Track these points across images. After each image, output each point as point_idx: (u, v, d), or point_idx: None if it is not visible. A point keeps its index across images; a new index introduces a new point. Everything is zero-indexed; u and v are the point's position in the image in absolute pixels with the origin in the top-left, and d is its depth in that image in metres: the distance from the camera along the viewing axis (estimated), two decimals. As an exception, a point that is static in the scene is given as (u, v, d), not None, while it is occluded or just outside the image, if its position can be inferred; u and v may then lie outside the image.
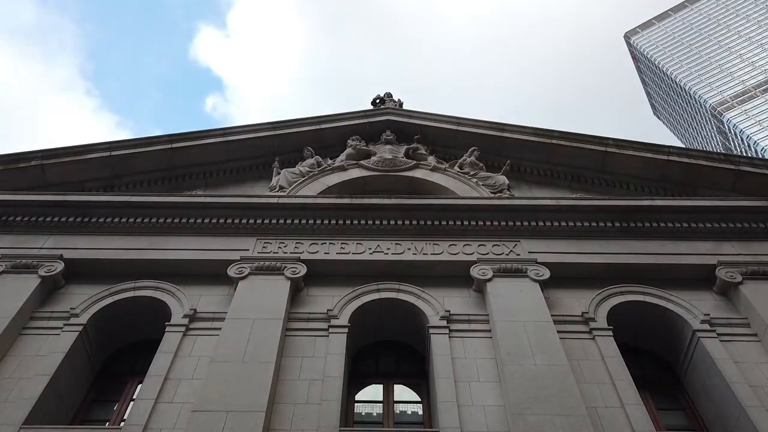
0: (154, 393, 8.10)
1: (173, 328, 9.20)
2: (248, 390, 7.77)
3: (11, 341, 8.93)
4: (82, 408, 9.05)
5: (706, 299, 9.81)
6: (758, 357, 8.77)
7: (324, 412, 7.87)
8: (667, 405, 9.19)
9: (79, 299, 9.69)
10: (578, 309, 9.60)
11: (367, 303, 9.78)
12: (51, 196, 11.03)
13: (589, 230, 10.76)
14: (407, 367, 9.92)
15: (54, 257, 10.08)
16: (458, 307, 9.68)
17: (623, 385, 8.28)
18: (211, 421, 7.34)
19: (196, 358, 8.74)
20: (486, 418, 7.85)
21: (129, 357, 9.94)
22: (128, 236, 10.68)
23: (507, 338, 8.67)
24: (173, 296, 9.76)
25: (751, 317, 9.30)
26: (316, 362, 8.74)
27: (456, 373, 8.50)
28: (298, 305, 9.77)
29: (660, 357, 9.97)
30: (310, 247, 10.57)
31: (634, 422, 7.74)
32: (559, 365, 8.17)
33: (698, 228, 10.72)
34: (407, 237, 10.76)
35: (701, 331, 9.14)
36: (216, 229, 10.81)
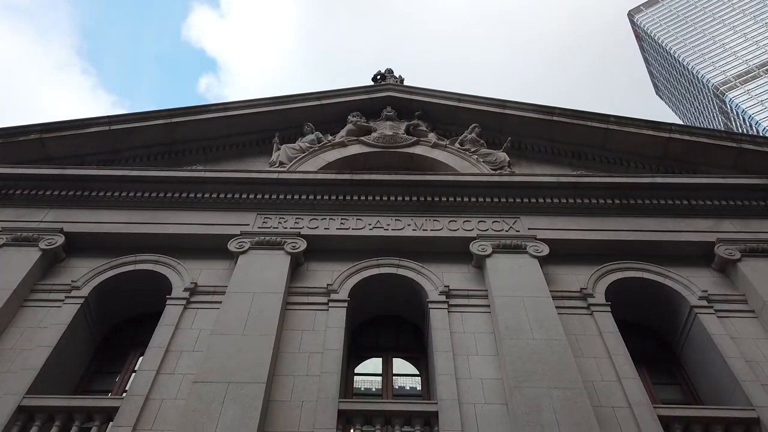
0: (156, 364, 8.18)
1: (174, 301, 9.25)
2: (249, 362, 7.85)
3: (13, 313, 8.99)
4: (85, 379, 9.16)
5: (705, 276, 9.87)
6: (755, 333, 8.85)
7: (324, 384, 7.96)
8: (663, 379, 9.30)
9: (80, 272, 9.73)
10: (577, 285, 9.66)
11: (367, 278, 9.83)
12: (50, 169, 11.02)
13: (589, 207, 10.77)
14: (406, 341, 10.01)
15: (54, 230, 10.10)
16: (457, 283, 9.73)
17: (620, 359, 8.37)
18: (212, 391, 7.42)
19: (197, 331, 8.81)
20: (484, 391, 7.94)
21: (130, 329, 10.03)
22: (128, 210, 10.69)
23: (506, 313, 8.73)
24: (174, 270, 9.81)
25: (748, 294, 9.36)
26: (316, 335, 8.81)
27: (455, 347, 8.57)
28: (298, 280, 9.82)
29: (657, 333, 10.06)
30: (310, 223, 10.58)
31: (630, 395, 7.83)
32: (557, 340, 8.24)
33: (698, 205, 10.73)
34: (407, 213, 10.78)
35: (699, 307, 9.20)
36: (216, 203, 10.82)
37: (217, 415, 7.11)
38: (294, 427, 7.47)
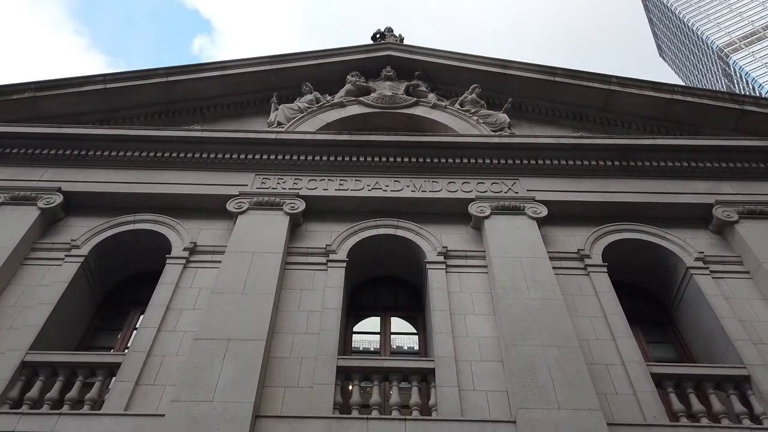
0: (157, 322, 8.29)
1: (174, 260, 9.31)
2: (249, 320, 7.94)
3: (13, 271, 9.05)
4: (86, 336, 9.29)
5: (702, 238, 9.92)
6: (749, 293, 8.94)
7: (323, 341, 8.08)
8: (657, 338, 9.45)
9: (79, 231, 9.76)
10: (574, 246, 9.71)
11: (366, 239, 9.87)
12: (47, 128, 10.92)
13: (588, 169, 10.75)
14: (404, 301, 10.12)
15: (52, 189, 10.09)
16: (455, 244, 9.78)
17: (615, 318, 8.49)
18: (213, 348, 7.53)
19: (196, 290, 8.89)
20: (480, 349, 8.07)
21: (131, 288, 10.12)
22: (126, 170, 10.65)
23: (503, 273, 8.80)
24: (173, 230, 9.83)
25: (744, 255, 9.42)
26: (315, 295, 8.89)
27: (452, 306, 8.67)
28: (297, 240, 9.85)
29: (652, 293, 10.18)
30: (309, 183, 10.56)
31: (624, 353, 7.97)
32: (553, 299, 8.33)
33: (698, 167, 10.70)
34: (406, 174, 10.75)
35: (694, 268, 9.28)
36: (214, 164, 10.77)
37: (218, 371, 7.24)
38: (294, 383, 7.61)
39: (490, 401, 7.39)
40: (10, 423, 6.84)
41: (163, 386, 7.50)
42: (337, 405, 7.40)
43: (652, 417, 7.18)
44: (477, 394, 7.49)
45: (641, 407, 7.32)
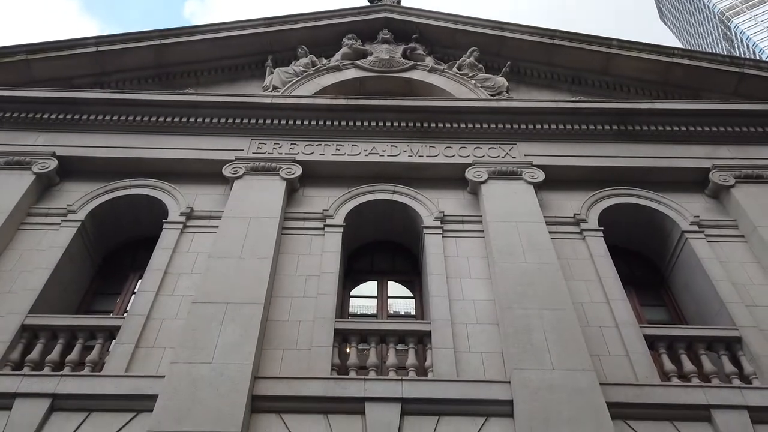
0: (155, 286, 8.33)
1: (171, 225, 9.31)
2: (247, 284, 7.99)
3: (10, 236, 9.05)
4: (86, 300, 9.35)
5: (698, 202, 9.95)
6: (743, 257, 9.02)
7: (320, 305, 8.15)
8: (651, 301, 9.57)
9: (75, 196, 9.73)
10: (571, 210, 9.73)
11: (363, 204, 9.87)
12: (40, 92, 10.78)
13: (587, 133, 10.70)
14: (401, 265, 10.19)
15: (47, 154, 10.01)
16: (452, 209, 9.79)
17: (609, 282, 8.57)
18: (211, 311, 7.60)
19: (194, 254, 8.92)
20: (476, 312, 8.16)
21: (129, 252, 10.16)
22: (121, 134, 10.55)
23: (499, 238, 8.83)
24: (169, 195, 9.81)
25: (740, 219, 9.47)
26: (312, 259, 8.93)
27: (448, 270, 8.73)
28: (294, 205, 9.85)
29: (647, 257, 10.26)
30: (306, 148, 10.49)
31: (618, 316, 8.07)
32: (549, 263, 8.39)
33: (696, 132, 10.66)
34: (403, 139, 10.68)
35: (690, 232, 9.33)
36: (209, 128, 10.68)
37: (217, 334, 7.31)
38: (292, 345, 7.71)
39: (486, 362, 7.51)
40: (12, 384, 6.94)
41: (162, 348, 7.59)
42: (335, 366, 7.52)
43: (644, 377, 7.32)
44: (472, 356, 7.60)
45: (633, 368, 7.45)
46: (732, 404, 6.92)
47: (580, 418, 6.46)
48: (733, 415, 6.84)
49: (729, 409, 6.89)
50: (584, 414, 6.50)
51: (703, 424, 6.86)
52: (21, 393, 6.85)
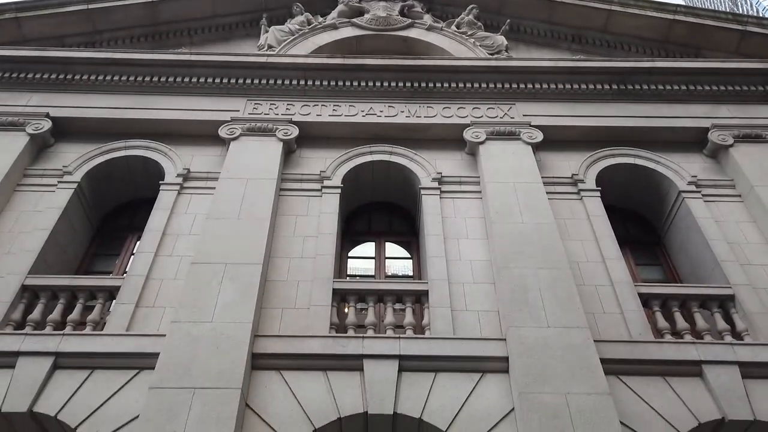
0: (154, 247, 8.35)
1: (168, 186, 9.27)
2: (245, 245, 8.01)
3: (7, 197, 9.02)
4: (84, 261, 9.39)
5: (696, 162, 9.93)
6: (739, 216, 9.04)
7: (319, 265, 8.20)
8: (647, 261, 9.65)
9: (70, 158, 9.66)
10: (568, 171, 9.71)
11: (360, 165, 9.83)
12: (31, 51, 10.58)
13: (586, 93, 10.59)
14: (399, 226, 10.22)
15: (40, 115, 9.89)
16: (450, 170, 9.76)
17: (606, 241, 8.61)
18: (210, 272, 7.64)
19: (192, 216, 8.92)
20: (472, 271, 8.22)
21: (127, 214, 10.17)
22: (115, 95, 10.42)
23: (496, 198, 8.83)
24: (165, 156, 9.75)
25: (737, 179, 9.47)
26: (310, 220, 8.94)
27: (445, 231, 8.76)
28: (291, 166, 9.80)
29: (644, 217, 10.30)
30: (302, 109, 10.39)
31: (613, 275, 8.15)
32: (546, 223, 8.41)
33: (696, 91, 10.56)
34: (400, 99, 10.57)
35: (687, 192, 9.34)
36: (204, 88, 10.54)
37: (216, 293, 7.38)
38: (291, 304, 7.79)
39: (482, 320, 7.61)
40: (15, 343, 7.03)
41: (162, 308, 7.67)
42: (334, 325, 7.62)
43: (637, 334, 7.44)
44: (469, 314, 7.70)
45: (627, 325, 7.57)
46: (723, 360, 7.05)
47: (574, 374, 6.59)
48: (724, 370, 6.98)
49: (720, 364, 7.02)
50: (578, 370, 6.63)
51: (695, 379, 7.00)
52: (24, 351, 6.94)
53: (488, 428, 6.46)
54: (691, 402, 6.77)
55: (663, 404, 6.75)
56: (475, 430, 6.44)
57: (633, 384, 6.93)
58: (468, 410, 6.61)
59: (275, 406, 6.61)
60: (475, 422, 6.50)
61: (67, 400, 6.62)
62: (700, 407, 6.73)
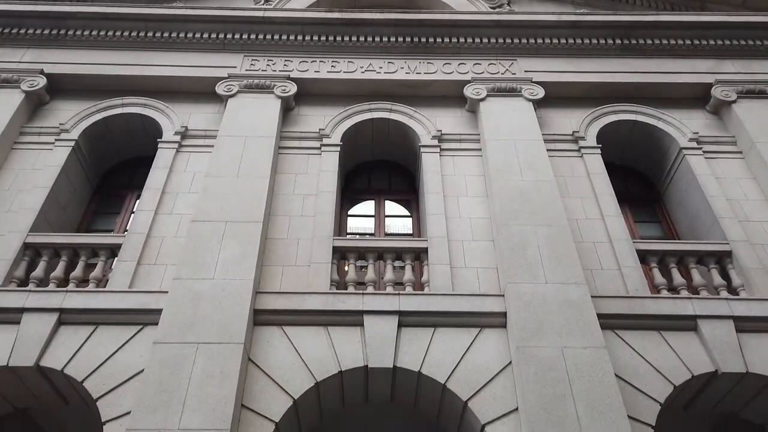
0: (153, 205, 8.35)
1: (166, 144, 9.21)
2: (245, 203, 8.01)
3: (5, 156, 8.96)
4: (85, 219, 9.41)
5: (698, 118, 9.84)
6: (740, 173, 9.01)
7: (318, 224, 8.22)
8: (646, 218, 9.67)
9: (66, 115, 9.56)
10: (569, 128, 9.64)
11: (359, 123, 9.74)
12: (23, 5, 10.29)
13: (589, 48, 10.41)
14: (398, 184, 10.21)
15: (34, 71, 9.74)
16: (450, 127, 9.68)
17: (605, 199, 8.61)
18: (210, 230, 7.66)
19: (191, 174, 8.89)
20: (472, 229, 8.25)
21: (125, 172, 10.12)
22: (110, 51, 10.23)
23: (497, 156, 8.79)
24: (163, 113, 9.65)
25: (738, 135, 9.41)
26: (310, 179, 8.92)
27: (445, 189, 8.75)
28: (290, 124, 9.72)
29: (644, 175, 10.27)
30: (300, 65, 10.23)
31: (612, 232, 8.18)
32: (546, 181, 8.40)
33: (701, 45, 10.38)
34: (400, 55, 10.40)
35: (688, 148, 9.29)
36: (200, 44, 10.35)
37: (217, 251, 7.42)
38: (291, 262, 7.85)
39: (481, 277, 7.68)
40: (19, 300, 7.10)
41: (164, 266, 7.72)
42: (334, 282, 7.69)
43: (634, 290, 7.53)
44: (468, 271, 7.77)
45: (625, 281, 7.64)
46: (718, 314, 7.13)
47: (571, 328, 6.70)
48: (718, 324, 7.08)
49: (715, 319, 7.12)
50: (575, 324, 6.73)
51: (690, 333, 7.11)
52: (28, 308, 7.02)
53: (486, 381, 6.60)
54: (685, 355, 6.90)
55: (657, 357, 6.88)
56: (474, 383, 6.58)
57: (629, 338, 7.05)
58: (466, 364, 6.74)
59: (277, 360, 6.74)
60: (473, 375, 6.64)
61: (72, 354, 6.74)
62: (694, 360, 6.86)
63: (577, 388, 6.18)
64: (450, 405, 6.77)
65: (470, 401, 6.44)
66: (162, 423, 5.87)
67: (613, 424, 5.92)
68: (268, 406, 6.37)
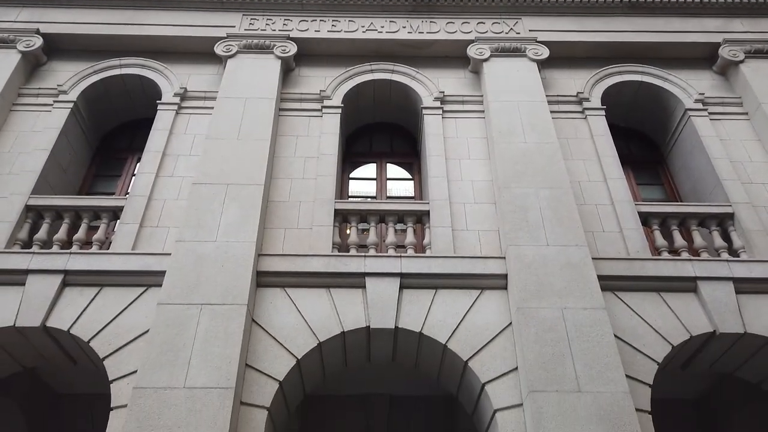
0: (154, 167, 8.32)
1: (165, 106, 9.12)
2: (246, 165, 7.97)
3: (3, 117, 8.89)
4: (86, 182, 9.39)
5: (704, 79, 9.69)
6: (745, 135, 8.94)
7: (320, 186, 8.20)
8: (649, 180, 9.62)
9: (64, 76, 9.45)
10: (574, 89, 9.51)
11: (360, 84, 9.61)
12: (13, -38, 10.10)
13: (595, 6, 10.18)
14: (400, 147, 10.14)
15: (30, 31, 9.58)
16: (453, 88, 9.56)
17: (608, 161, 8.56)
18: (212, 192, 7.65)
19: (191, 136, 8.83)
20: (474, 192, 8.23)
21: (125, 135, 10.06)
22: (106, 10, 10.02)
23: (500, 118, 8.70)
24: (161, 74, 9.53)
25: (745, 96, 9.28)
26: (311, 141, 8.86)
27: (447, 152, 8.69)
28: (290, 86, 9.60)
29: (647, 137, 10.18)
30: (300, 25, 10.03)
31: (614, 194, 8.15)
32: (548, 143, 8.33)
33: (709, 3, 10.13)
34: (402, 14, 10.19)
35: (693, 110, 9.18)
36: (198, 3, 10.13)
37: (219, 214, 7.42)
38: (293, 225, 7.85)
39: (482, 239, 7.70)
40: (24, 261, 7.14)
41: (166, 228, 7.74)
42: (336, 245, 7.71)
43: (635, 252, 7.55)
44: (469, 234, 7.77)
45: (626, 243, 7.66)
46: (718, 276, 7.16)
47: (572, 290, 6.74)
48: (718, 285, 7.11)
49: (715, 280, 7.15)
50: (575, 285, 6.77)
51: (689, 294, 7.15)
52: (33, 269, 7.06)
53: (486, 341, 6.68)
54: (684, 316, 6.96)
55: (657, 318, 6.94)
56: (474, 343, 6.66)
57: (629, 299, 7.10)
58: (467, 325, 6.81)
59: (280, 321, 6.81)
60: (473, 336, 6.72)
61: (78, 315, 6.81)
62: (692, 321, 6.92)
63: (576, 347, 6.26)
64: (450, 365, 6.88)
65: (470, 361, 6.53)
66: (168, 381, 5.97)
67: (611, 382, 6.01)
68: (272, 365, 6.47)
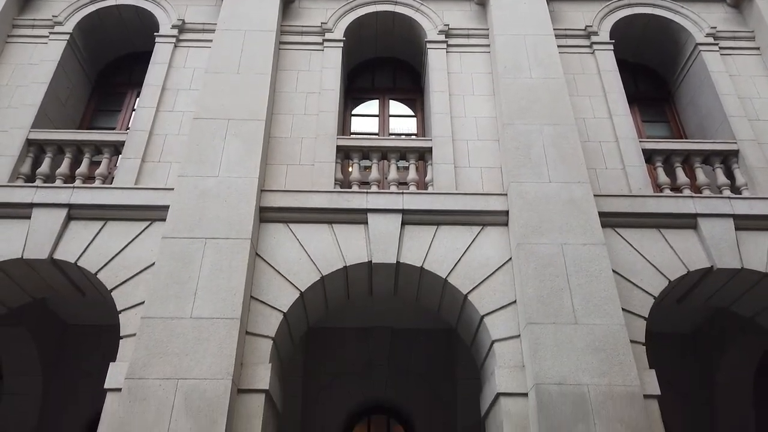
0: (154, 102, 8.23)
1: (163, 39, 8.92)
2: (246, 100, 7.86)
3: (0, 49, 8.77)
4: (86, 117, 9.32)
5: (717, 12, 9.40)
6: (755, 71, 8.75)
7: (322, 122, 8.12)
8: (655, 118, 9.50)
9: (59, 7, 9.20)
10: (582, 23, 9.25)
11: (363, 16, 9.34)
12: None
13: (607, -66, 9.76)
14: (403, 82, 9.97)
15: (20, -41, 9.30)
16: (458, 21, 9.30)
17: (614, 97, 8.43)
18: (213, 127, 7.58)
19: (191, 70, 8.68)
20: (477, 128, 8.15)
21: (124, 69, 9.89)
22: (98, -63, 9.67)
23: (505, 52, 8.50)
24: (158, 5, 9.26)
25: (758, 30, 9.02)
26: (312, 76, 8.70)
27: (451, 87, 8.55)
28: (291, 18, 9.34)
29: (655, 72, 9.97)
30: (300, -47, 9.66)
31: (619, 131, 8.07)
32: (554, 78, 8.16)
33: (728, -72, 9.73)
34: (406, -59, 9.78)
35: (704, 44, 8.95)
36: (194, -70, 9.73)
37: (221, 149, 7.38)
38: (295, 161, 7.83)
39: (485, 176, 7.68)
40: (27, 195, 7.18)
41: (168, 163, 7.74)
42: (338, 181, 7.71)
43: (637, 189, 7.54)
44: (472, 171, 7.75)
45: (628, 180, 7.64)
46: (719, 213, 7.17)
47: (572, 226, 6.78)
48: (718, 222, 7.14)
49: (715, 217, 7.17)
50: (575, 221, 6.81)
51: (689, 231, 7.19)
52: (37, 203, 7.11)
53: (486, 275, 6.78)
54: (682, 252, 7.03)
55: (655, 254, 7.01)
56: (474, 277, 6.77)
57: (628, 236, 7.14)
58: (467, 260, 6.90)
59: (284, 255, 6.90)
60: (473, 270, 6.82)
61: (84, 248, 6.90)
62: (690, 257, 7.00)
63: (575, 282, 6.37)
64: (450, 298, 7.02)
65: (470, 294, 6.66)
66: (175, 311, 6.12)
67: (607, 315, 6.15)
68: (276, 297, 6.60)
